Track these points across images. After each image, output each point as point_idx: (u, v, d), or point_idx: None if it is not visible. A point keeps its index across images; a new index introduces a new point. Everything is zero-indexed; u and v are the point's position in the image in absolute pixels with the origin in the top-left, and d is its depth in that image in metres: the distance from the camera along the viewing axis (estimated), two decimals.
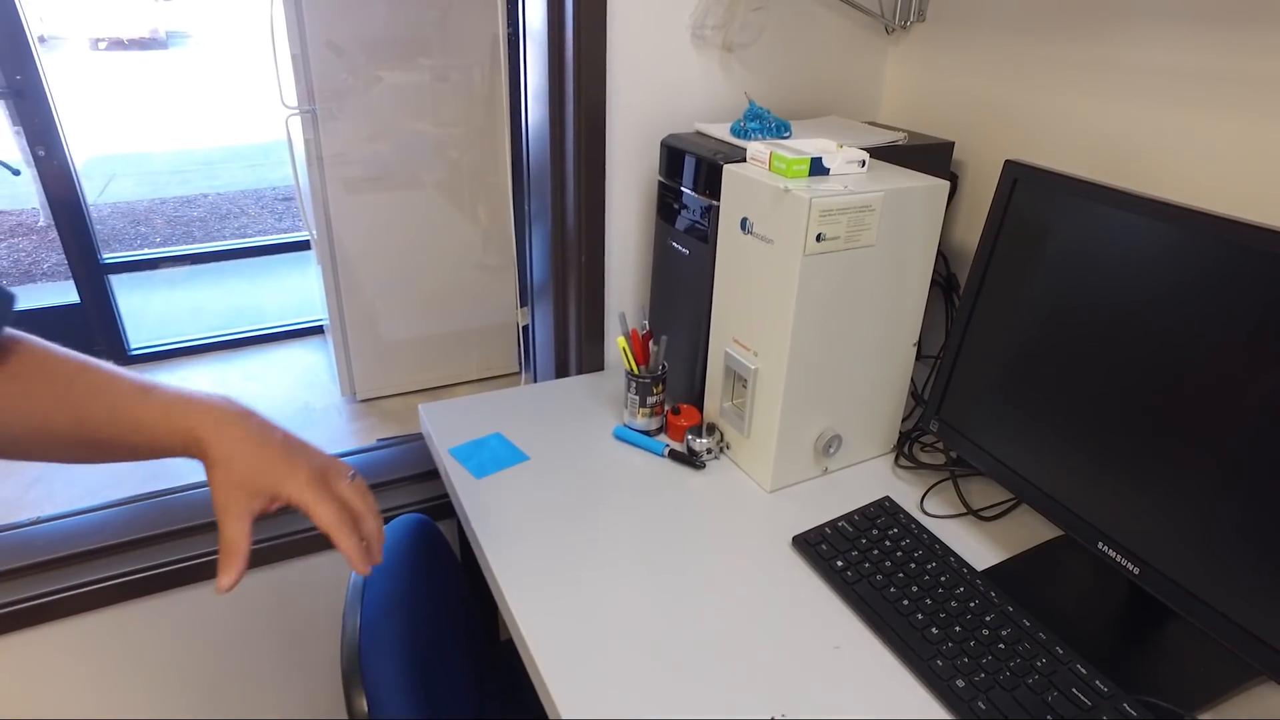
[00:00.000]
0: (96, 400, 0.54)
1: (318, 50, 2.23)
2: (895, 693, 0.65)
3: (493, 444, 0.95)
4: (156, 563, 1.00)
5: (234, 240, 4.46)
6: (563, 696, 0.63)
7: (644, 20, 0.97)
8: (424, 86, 2.34)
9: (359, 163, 2.33)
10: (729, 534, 0.83)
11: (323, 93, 2.27)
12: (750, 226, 0.83)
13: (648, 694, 0.63)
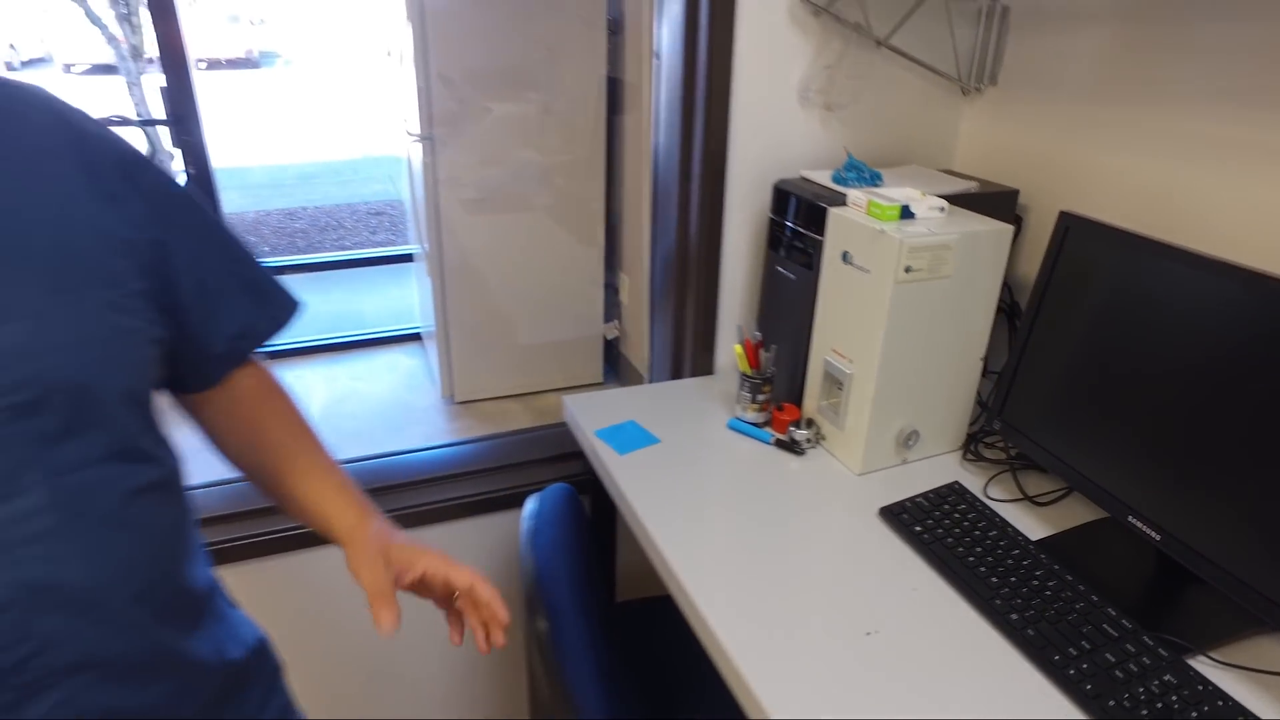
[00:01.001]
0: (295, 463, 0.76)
1: (438, 82, 2.51)
2: (961, 622, 0.84)
3: (629, 429, 1.17)
4: None
5: (341, 251, 4.83)
6: (719, 624, 0.84)
7: (761, 85, 1.19)
8: (531, 118, 2.61)
9: (471, 185, 2.61)
10: (825, 505, 1.03)
11: (441, 121, 2.55)
12: (850, 258, 1.03)
13: (769, 616, 0.84)
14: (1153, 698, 0.75)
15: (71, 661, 0.55)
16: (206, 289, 0.68)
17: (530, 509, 1.08)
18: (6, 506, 0.51)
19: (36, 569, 0.53)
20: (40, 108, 0.59)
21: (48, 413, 0.53)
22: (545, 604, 0.95)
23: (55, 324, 0.54)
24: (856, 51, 1.22)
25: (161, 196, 0.64)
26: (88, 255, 0.57)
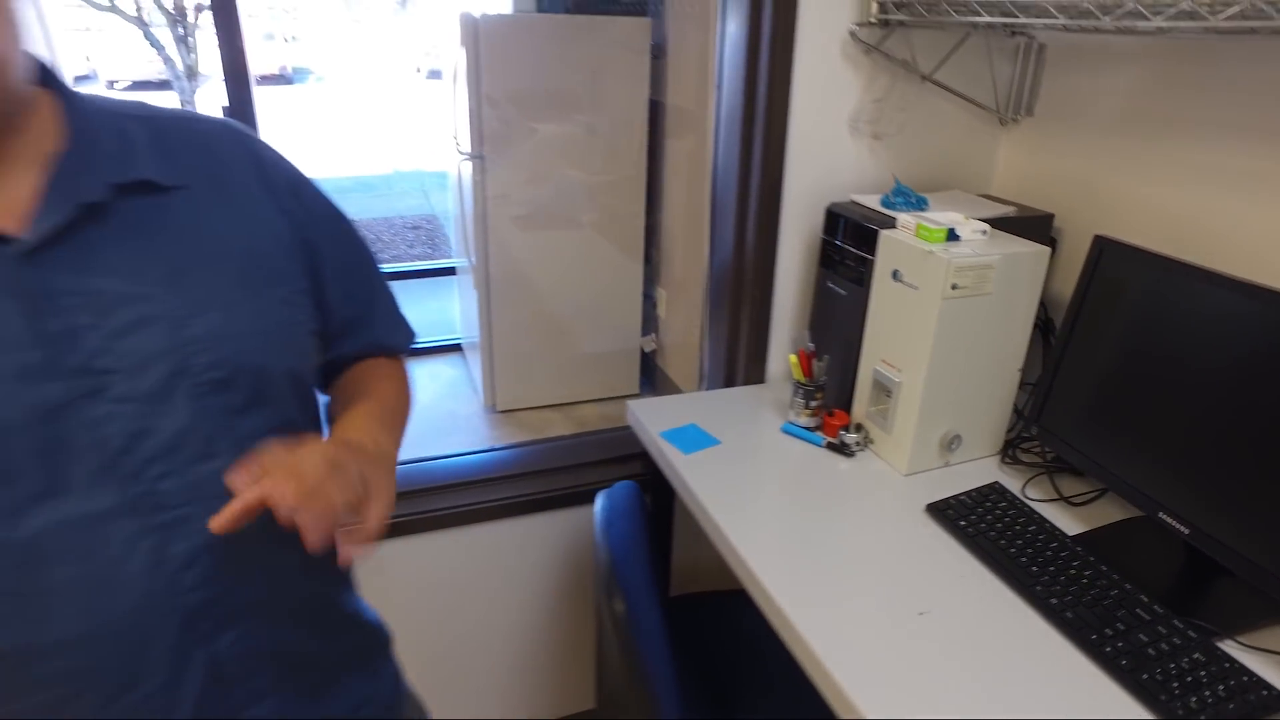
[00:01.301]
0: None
1: (489, 103, 2.64)
2: (1005, 605, 0.93)
3: (691, 431, 1.27)
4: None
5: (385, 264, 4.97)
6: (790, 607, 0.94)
7: (815, 116, 1.29)
8: (577, 138, 2.73)
9: (519, 202, 2.73)
10: (875, 502, 1.12)
11: (491, 140, 2.68)
12: (900, 276, 1.13)
13: (831, 598, 0.94)
14: (1183, 673, 0.83)
15: (249, 604, 0.66)
16: (352, 298, 0.79)
17: (602, 503, 1.18)
18: (206, 465, 0.62)
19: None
20: (229, 137, 0.71)
21: (235, 389, 0.64)
22: (622, 588, 1.04)
23: (242, 314, 0.65)
24: (903, 85, 1.32)
25: (320, 211, 0.75)
26: (266, 258, 0.68)
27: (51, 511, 0.57)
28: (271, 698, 0.69)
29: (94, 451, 0.58)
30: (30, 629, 0.58)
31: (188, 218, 0.64)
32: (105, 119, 0.63)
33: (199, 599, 0.62)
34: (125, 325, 0.59)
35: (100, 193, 0.59)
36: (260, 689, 0.68)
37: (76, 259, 0.58)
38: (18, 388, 0.55)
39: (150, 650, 0.61)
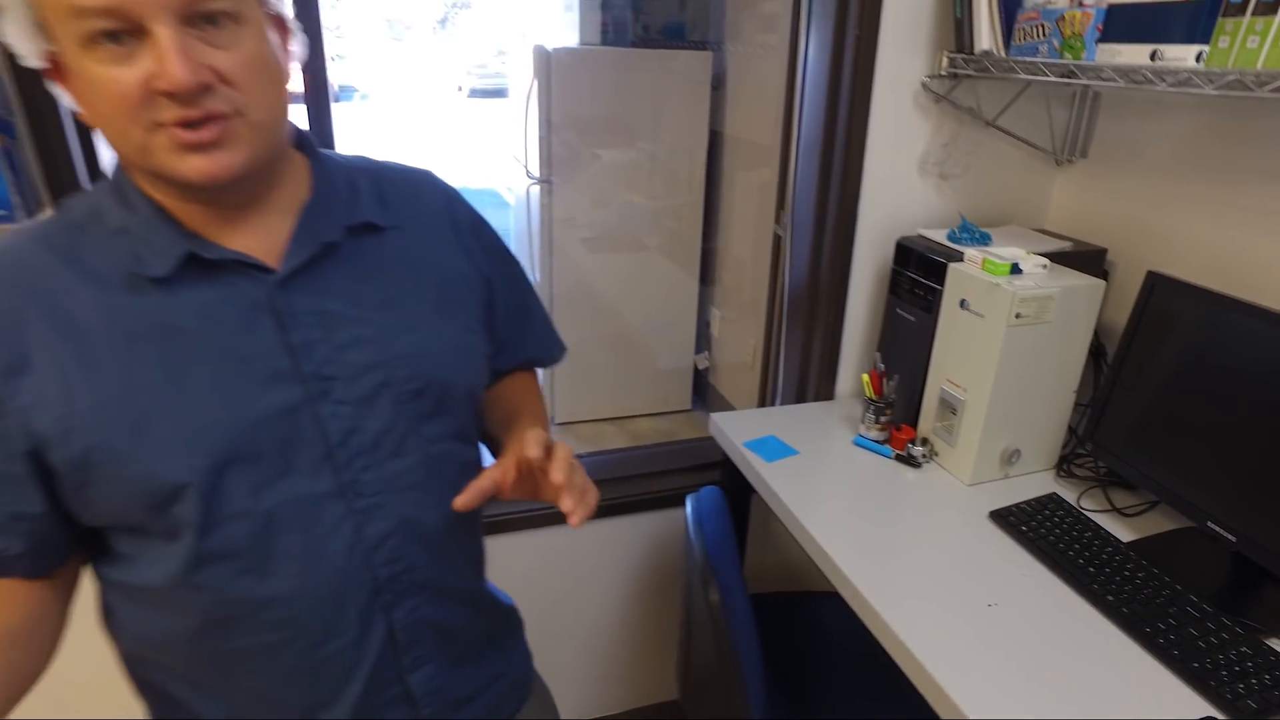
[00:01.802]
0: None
1: (558, 131, 2.80)
2: (1065, 600, 1.04)
3: (771, 442, 1.40)
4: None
5: None
6: (878, 602, 1.06)
7: (887, 157, 1.42)
8: (639, 165, 2.89)
9: (584, 225, 2.88)
10: (942, 509, 1.24)
11: (558, 165, 2.84)
12: (967, 305, 1.25)
13: (911, 593, 1.06)
14: (1231, 663, 0.94)
15: (421, 582, 0.78)
16: (513, 323, 0.92)
17: (692, 505, 1.31)
18: (398, 462, 0.75)
19: (410, 509, 0.76)
20: (429, 185, 0.85)
21: (426, 399, 0.77)
22: (717, 579, 1.17)
23: (436, 337, 0.79)
24: (968, 130, 1.45)
25: (495, 251, 0.89)
26: (455, 289, 0.82)
27: (285, 490, 0.70)
28: (429, 665, 0.81)
29: (318, 443, 0.71)
30: (260, 583, 0.71)
31: (397, 253, 0.78)
32: (340, 172, 0.78)
33: (385, 574, 0.75)
34: (347, 341, 0.72)
35: (336, 234, 0.73)
36: (422, 656, 0.80)
37: (313, 285, 0.72)
38: (270, 388, 0.69)
39: (345, 612, 0.74)
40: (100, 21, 0.56)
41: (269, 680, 0.74)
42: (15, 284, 0.65)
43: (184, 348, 0.66)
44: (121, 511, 0.68)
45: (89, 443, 0.64)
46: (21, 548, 0.68)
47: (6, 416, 0.64)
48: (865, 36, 1.33)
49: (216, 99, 0.60)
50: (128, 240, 0.67)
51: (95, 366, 0.65)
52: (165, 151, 0.61)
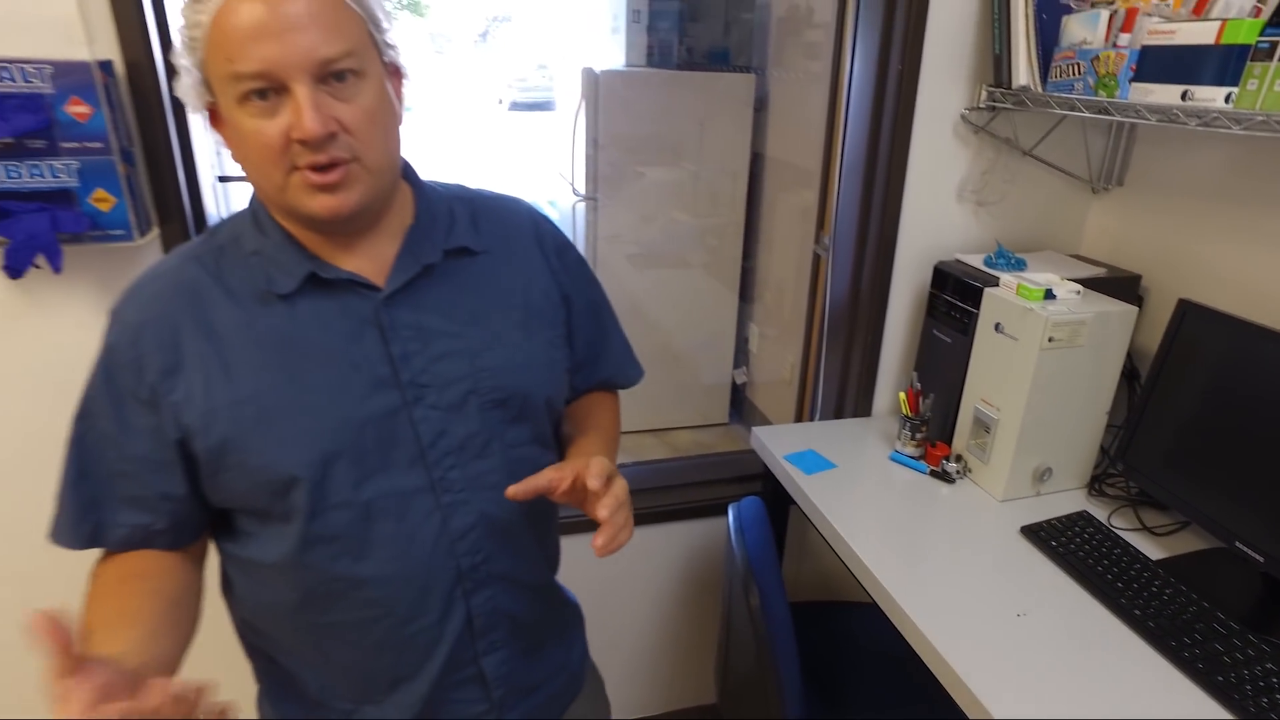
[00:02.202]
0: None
1: (604, 150, 2.90)
2: (1092, 612, 1.09)
3: (810, 455, 1.46)
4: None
5: None
6: (912, 610, 1.12)
7: (927, 184, 1.49)
8: (683, 184, 2.97)
9: (629, 241, 2.97)
10: (975, 523, 1.30)
11: (604, 183, 2.93)
12: (1002, 328, 1.31)
13: (943, 603, 1.11)
14: (1255, 678, 0.98)
15: (498, 573, 0.87)
16: (592, 345, 1.00)
17: (734, 514, 1.38)
18: (481, 463, 0.84)
19: (490, 506, 0.84)
20: (518, 210, 0.94)
21: (508, 407, 0.85)
22: (758, 584, 1.24)
23: (519, 351, 0.87)
24: (1006, 159, 1.51)
25: (575, 270, 0.97)
26: (539, 308, 0.90)
27: (382, 483, 0.79)
28: (502, 651, 0.89)
29: (412, 444, 0.80)
30: (357, 565, 0.80)
31: (488, 274, 0.87)
32: (439, 201, 0.87)
33: (466, 563, 0.84)
34: (440, 353, 0.81)
35: (435, 256, 0.82)
36: (496, 642, 0.88)
37: (413, 302, 0.81)
38: (373, 393, 0.78)
39: (430, 595, 0.83)
40: (253, 83, 0.67)
41: (360, 653, 0.83)
42: (175, 296, 0.76)
43: (303, 355, 0.76)
44: (246, 496, 0.78)
45: (224, 435, 0.74)
46: (165, 524, 0.78)
47: (162, 410, 0.74)
48: (908, 70, 1.40)
49: (339, 146, 0.70)
50: (260, 261, 0.78)
51: (231, 369, 0.75)
52: (298, 190, 0.71)
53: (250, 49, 0.66)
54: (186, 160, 1.24)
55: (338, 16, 0.69)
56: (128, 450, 0.76)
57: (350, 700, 0.87)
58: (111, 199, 1.12)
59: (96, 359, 0.77)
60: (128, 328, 0.76)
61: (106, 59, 1.09)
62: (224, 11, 0.67)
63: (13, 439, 1.26)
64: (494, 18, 16.02)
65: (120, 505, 0.77)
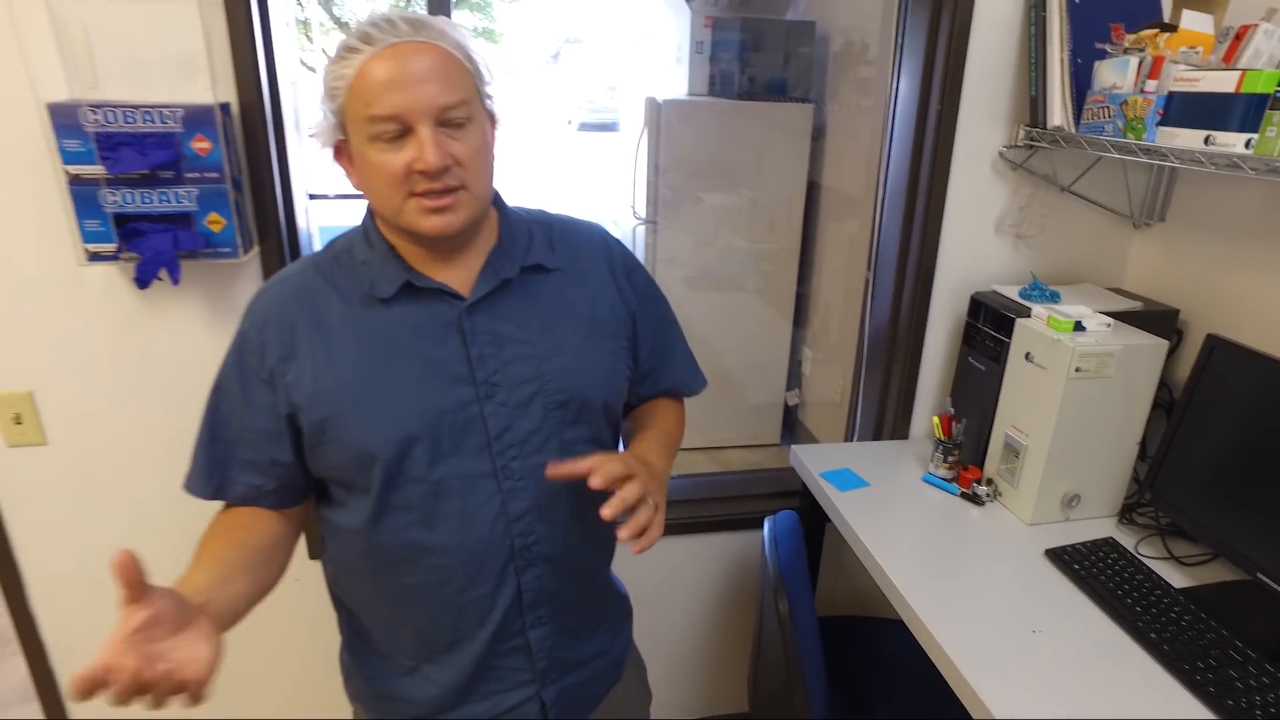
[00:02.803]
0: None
1: (665, 175, 3.01)
2: (1108, 633, 1.13)
3: (845, 474, 1.53)
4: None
5: None
6: (930, 621, 1.18)
7: (965, 216, 1.55)
8: (740, 209, 3.07)
9: (687, 265, 3.08)
10: (1002, 544, 1.34)
11: (664, 208, 3.05)
12: (1031, 358, 1.36)
13: (964, 617, 1.17)
14: (1267, 705, 1.00)
15: (547, 555, 0.97)
16: (656, 356, 1.10)
17: (769, 526, 1.46)
18: (539, 456, 0.94)
19: (545, 495, 0.95)
20: (591, 234, 1.05)
21: (569, 409, 0.96)
22: (788, 591, 1.32)
23: (583, 359, 0.98)
24: (1044, 194, 1.56)
25: (643, 289, 1.07)
26: (604, 322, 1.01)
27: (452, 466, 0.91)
28: (546, 627, 1.00)
29: (481, 434, 0.92)
30: (426, 534, 0.92)
31: (559, 290, 0.98)
32: (521, 224, 0.99)
33: (520, 543, 0.95)
34: (512, 357, 0.93)
35: (513, 272, 0.95)
36: (542, 617, 0.99)
37: (491, 311, 0.93)
38: (453, 387, 0.90)
39: (486, 568, 0.94)
40: (386, 125, 0.82)
41: (424, 613, 0.96)
42: (295, 296, 0.91)
43: (395, 351, 0.90)
44: (338, 468, 0.91)
45: (325, 413, 0.88)
46: (272, 486, 0.93)
47: (278, 390, 0.89)
48: (947, 110, 1.48)
49: (452, 176, 0.85)
50: (367, 270, 0.92)
51: (336, 359, 0.89)
52: (414, 212, 0.86)
53: (385, 97, 0.80)
54: (284, 186, 1.40)
55: (454, 72, 0.84)
56: (249, 421, 0.91)
57: (412, 657, 0.99)
58: (223, 221, 1.28)
59: (231, 343, 0.92)
60: (256, 320, 0.91)
61: (225, 102, 1.26)
62: (366, 67, 0.81)
63: (139, 419, 1.44)
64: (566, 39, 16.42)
65: (240, 466, 0.92)
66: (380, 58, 0.81)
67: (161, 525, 1.45)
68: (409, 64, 0.81)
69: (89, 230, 1.24)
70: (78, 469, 1.44)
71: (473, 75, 0.87)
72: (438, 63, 0.83)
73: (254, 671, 1.67)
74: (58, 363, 1.37)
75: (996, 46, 1.45)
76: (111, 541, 1.49)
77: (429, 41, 0.83)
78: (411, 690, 1.00)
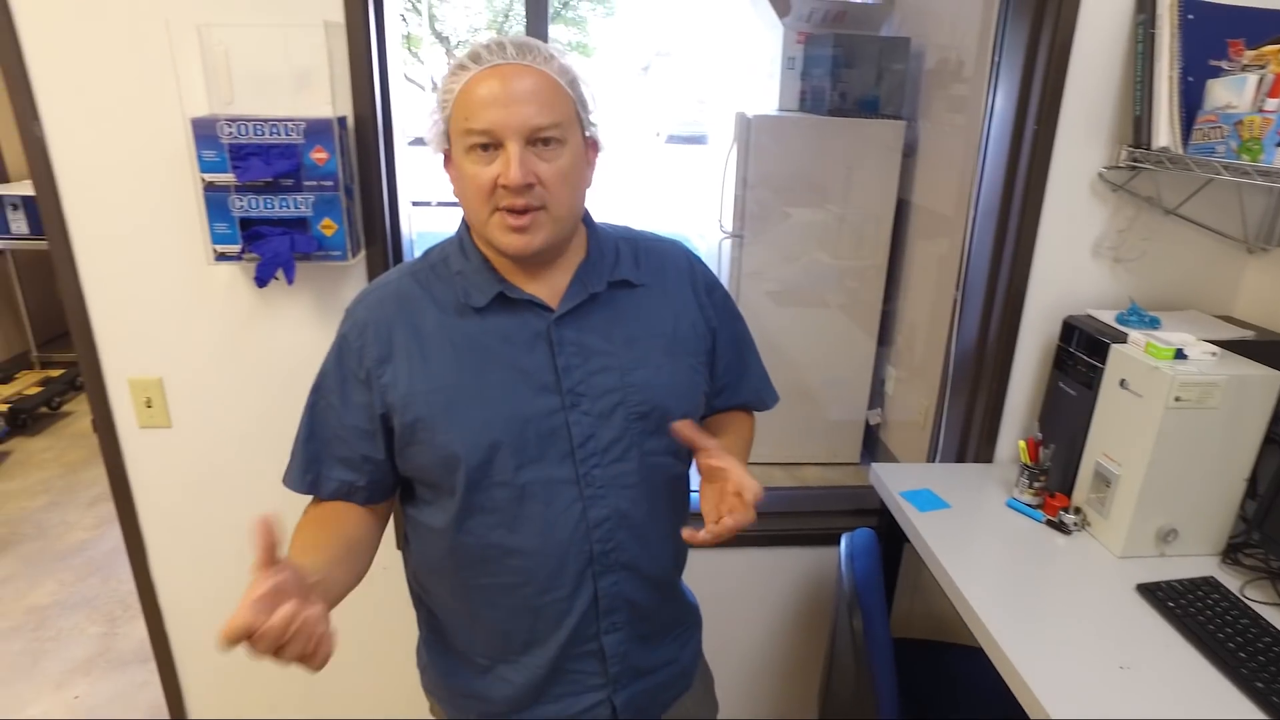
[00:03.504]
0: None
1: (753, 189, 3.03)
2: (1204, 677, 1.08)
3: (925, 494, 1.51)
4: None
5: None
6: (1013, 653, 1.16)
7: (1060, 238, 1.51)
8: (827, 225, 3.05)
9: (771, 280, 3.08)
10: (1090, 576, 1.30)
11: (750, 222, 3.06)
12: (1127, 385, 1.32)
13: (1048, 649, 1.14)
14: None
15: (624, 562, 1.00)
16: (732, 371, 1.13)
17: (846, 542, 1.45)
18: (621, 465, 0.97)
19: (624, 503, 0.98)
20: (676, 252, 1.08)
21: (649, 420, 0.99)
22: (862, 608, 1.31)
23: (664, 372, 1.00)
24: (1147, 217, 1.51)
25: (722, 307, 1.10)
26: (684, 338, 1.04)
27: (536, 471, 0.95)
28: (619, 633, 1.02)
29: (564, 442, 0.95)
30: (508, 536, 0.95)
31: (642, 305, 1.02)
32: (608, 241, 1.03)
33: (599, 549, 0.98)
34: (597, 368, 0.97)
35: (599, 287, 0.98)
36: (616, 623, 1.02)
37: (579, 323, 0.97)
38: (539, 395, 0.95)
39: (565, 571, 0.97)
40: (480, 138, 0.87)
41: (502, 614, 0.99)
42: (393, 302, 0.97)
43: (486, 359, 0.95)
44: (426, 468, 0.96)
45: (417, 415, 0.93)
46: (364, 482, 0.99)
47: (373, 390, 0.95)
48: (1044, 129, 1.45)
49: (534, 195, 0.89)
50: (461, 280, 0.97)
51: (429, 364, 0.94)
52: (496, 227, 0.91)
53: (483, 113, 0.86)
54: (391, 194, 1.49)
55: (552, 96, 0.88)
56: (346, 419, 0.97)
57: (488, 656, 1.03)
58: (335, 226, 1.37)
59: (332, 345, 0.99)
60: (356, 323, 0.97)
61: (342, 115, 1.36)
62: (471, 83, 0.87)
63: (252, 408, 1.56)
64: (656, 52, 16.59)
65: (335, 463, 0.98)
66: (485, 76, 0.87)
67: (268, 508, 1.56)
68: (510, 84, 0.86)
69: (218, 232, 1.35)
70: (197, 452, 1.57)
71: (574, 101, 0.91)
72: (537, 85, 0.87)
73: (340, 658, 1.77)
74: (184, 353, 1.50)
75: (1099, 64, 1.41)
76: (224, 520, 1.61)
77: (532, 65, 0.88)
78: (486, 689, 1.04)
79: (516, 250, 0.91)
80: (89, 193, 1.38)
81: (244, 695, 1.77)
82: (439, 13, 12.05)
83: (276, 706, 1.79)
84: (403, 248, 1.56)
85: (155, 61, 1.30)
